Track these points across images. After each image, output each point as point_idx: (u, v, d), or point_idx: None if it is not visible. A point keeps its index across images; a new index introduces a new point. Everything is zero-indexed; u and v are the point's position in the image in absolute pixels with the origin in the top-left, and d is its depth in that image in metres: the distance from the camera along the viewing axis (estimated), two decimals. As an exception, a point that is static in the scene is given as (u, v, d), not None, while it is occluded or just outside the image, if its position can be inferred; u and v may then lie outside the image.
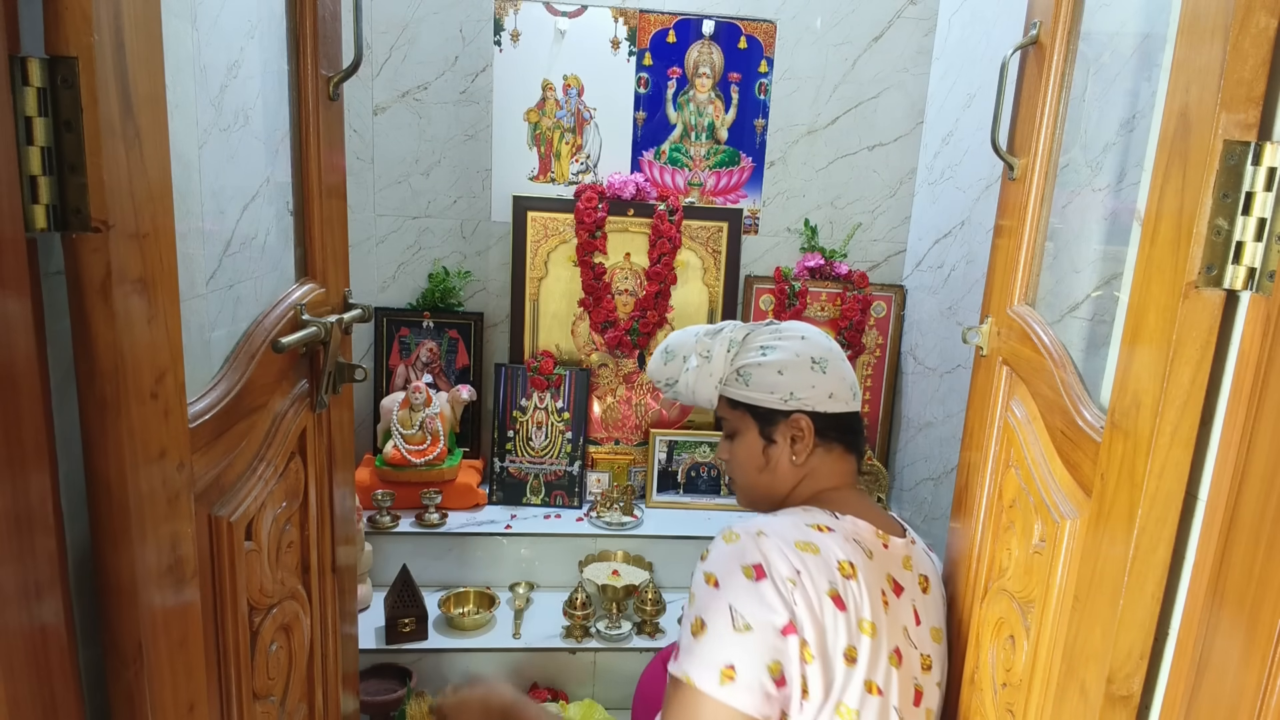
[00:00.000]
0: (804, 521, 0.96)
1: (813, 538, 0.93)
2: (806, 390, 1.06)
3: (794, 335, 1.10)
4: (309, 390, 1.08)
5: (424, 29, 2.20)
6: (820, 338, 1.12)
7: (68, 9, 0.53)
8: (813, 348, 1.09)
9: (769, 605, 0.87)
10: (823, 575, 0.90)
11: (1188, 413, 0.69)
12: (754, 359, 1.09)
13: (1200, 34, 0.68)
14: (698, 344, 1.14)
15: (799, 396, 1.06)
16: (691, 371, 1.13)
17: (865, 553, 0.96)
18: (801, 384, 1.06)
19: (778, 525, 0.94)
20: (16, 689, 0.52)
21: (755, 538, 0.92)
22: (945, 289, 2.17)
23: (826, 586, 0.89)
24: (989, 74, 1.95)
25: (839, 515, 0.99)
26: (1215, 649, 0.65)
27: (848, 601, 0.90)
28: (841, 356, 1.11)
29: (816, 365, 1.07)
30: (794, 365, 1.07)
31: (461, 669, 1.95)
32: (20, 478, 0.52)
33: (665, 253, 2.28)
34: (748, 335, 1.12)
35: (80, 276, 0.57)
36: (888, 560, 0.99)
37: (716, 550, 0.93)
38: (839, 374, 1.08)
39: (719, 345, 1.12)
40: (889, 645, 0.93)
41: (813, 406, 1.07)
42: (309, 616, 1.09)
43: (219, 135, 1.08)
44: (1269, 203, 0.63)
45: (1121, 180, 1.18)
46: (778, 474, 1.09)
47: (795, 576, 0.88)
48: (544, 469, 2.29)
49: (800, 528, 0.95)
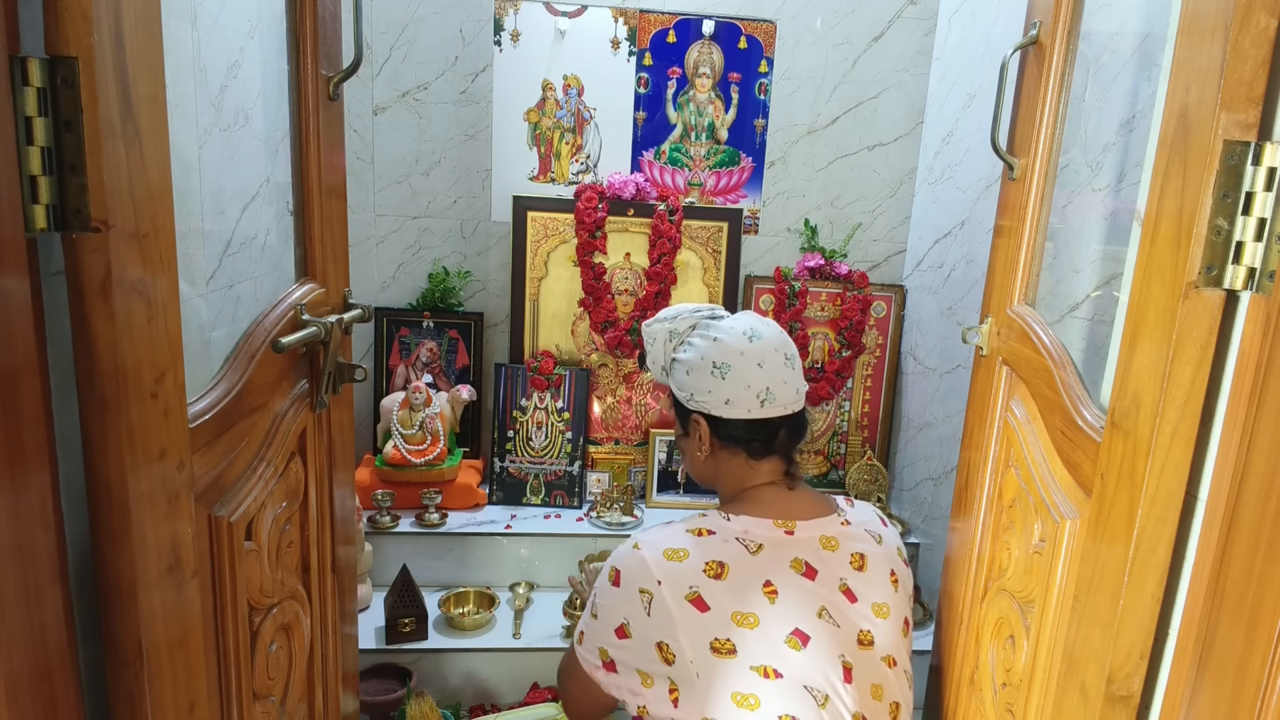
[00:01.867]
0: (687, 528, 1.03)
1: (686, 543, 1.01)
2: (704, 394, 1.07)
3: (710, 335, 1.09)
4: (309, 390, 1.08)
5: (424, 29, 2.20)
6: (738, 340, 1.07)
7: (68, 9, 0.53)
8: (720, 351, 1.06)
9: (619, 609, 1.01)
10: (684, 581, 0.97)
11: (1188, 413, 0.69)
12: (678, 354, 1.12)
13: (1200, 34, 0.68)
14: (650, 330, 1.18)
15: (698, 399, 1.08)
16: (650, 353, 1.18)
17: (750, 548, 1.01)
18: (700, 387, 1.07)
19: (658, 536, 1.03)
20: (16, 689, 0.52)
21: (630, 548, 1.03)
22: (945, 289, 2.17)
23: (687, 591, 0.97)
24: (989, 74, 1.95)
25: (730, 517, 1.04)
26: (1215, 649, 0.65)
27: (710, 601, 0.96)
28: (761, 361, 1.06)
29: (716, 371, 1.06)
30: (698, 367, 1.07)
31: (461, 669, 1.95)
32: (20, 478, 0.52)
33: (665, 253, 2.28)
34: (688, 328, 1.13)
35: (80, 276, 0.57)
36: (790, 547, 1.02)
37: (616, 549, 1.07)
38: (743, 380, 1.05)
39: (660, 336, 1.15)
40: (783, 630, 0.97)
41: (709, 410, 1.08)
42: (309, 616, 1.09)
43: (219, 135, 1.08)
44: (1269, 203, 0.63)
45: (1121, 180, 1.18)
46: (695, 462, 1.14)
47: (651, 587, 0.98)
48: (544, 469, 2.29)
49: (679, 535, 1.02)
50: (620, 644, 1.01)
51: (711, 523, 1.04)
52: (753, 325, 1.09)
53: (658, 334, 1.16)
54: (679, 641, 0.96)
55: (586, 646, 1.06)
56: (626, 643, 1.00)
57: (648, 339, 1.18)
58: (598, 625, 1.04)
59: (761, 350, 1.06)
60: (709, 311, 1.15)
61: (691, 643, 0.96)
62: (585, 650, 1.06)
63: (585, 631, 1.07)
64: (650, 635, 0.98)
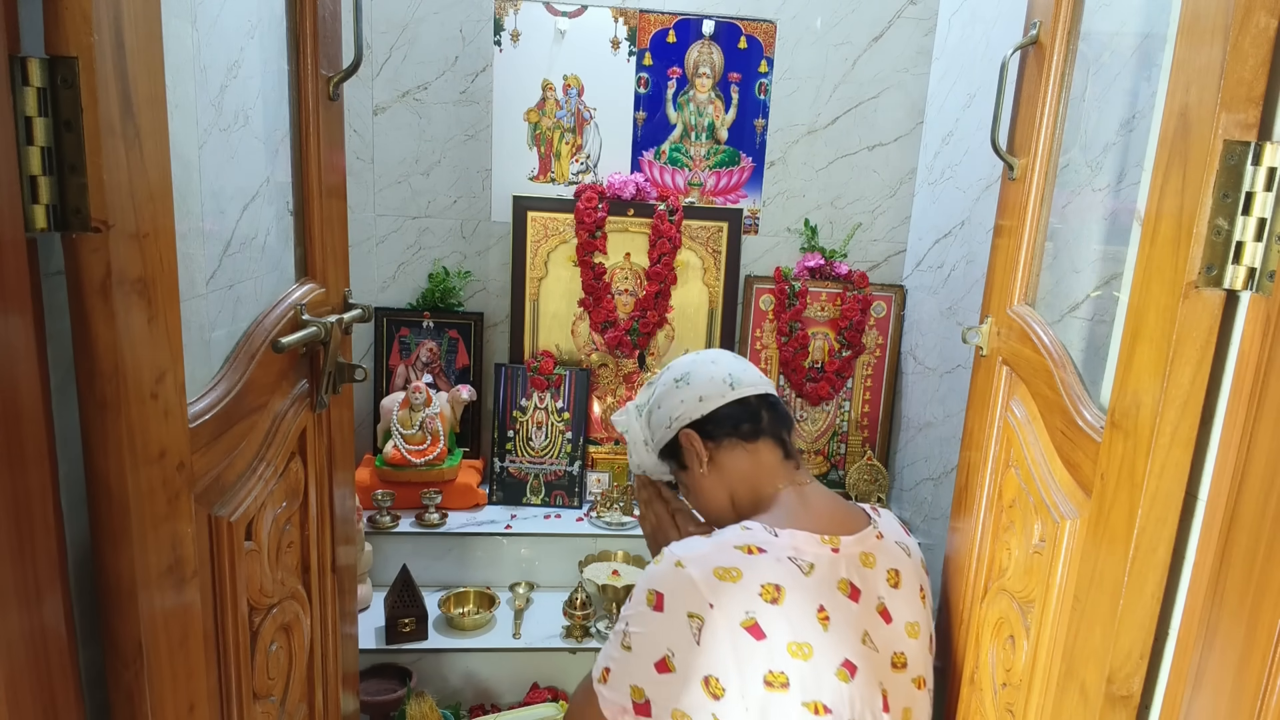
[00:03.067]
0: (735, 543, 0.94)
1: (737, 562, 0.91)
2: (679, 408, 1.10)
3: (663, 373, 1.16)
4: (309, 390, 1.08)
5: (424, 29, 2.20)
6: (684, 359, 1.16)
7: (68, 9, 0.53)
8: (674, 370, 1.14)
9: (660, 637, 0.89)
10: (739, 606, 0.88)
11: (1188, 413, 0.69)
12: (650, 414, 1.15)
13: (1200, 34, 0.68)
14: (621, 422, 1.22)
15: (674, 416, 1.11)
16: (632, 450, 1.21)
17: (804, 568, 0.93)
18: (673, 405, 1.11)
19: (703, 551, 0.93)
20: (16, 689, 0.52)
21: (671, 566, 0.92)
22: (945, 289, 2.17)
23: (743, 618, 0.88)
24: (989, 74, 1.95)
25: (777, 532, 0.96)
26: (1215, 649, 0.65)
27: (767, 629, 0.88)
28: (711, 359, 1.14)
29: (679, 382, 1.12)
30: (664, 396, 1.12)
31: (461, 669, 1.95)
32: (20, 478, 0.52)
33: (665, 253, 2.28)
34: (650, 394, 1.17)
35: (80, 276, 0.57)
36: (837, 566, 0.96)
37: (648, 567, 0.97)
38: (705, 376, 1.11)
39: (633, 418, 1.19)
40: (834, 661, 0.90)
41: (689, 417, 1.09)
42: (309, 616, 1.09)
43: (219, 135, 1.08)
44: (1269, 203, 0.63)
45: (1121, 180, 1.18)
46: (705, 492, 1.11)
47: (701, 611, 0.88)
48: (544, 469, 2.29)
49: (727, 551, 0.93)
50: (660, 680, 0.88)
51: (759, 538, 0.95)
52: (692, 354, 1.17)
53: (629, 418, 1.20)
54: (730, 675, 0.86)
55: (614, 686, 0.91)
56: (668, 678, 0.88)
57: (621, 428, 1.22)
58: (632, 659, 0.90)
59: (708, 354, 1.15)
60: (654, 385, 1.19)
61: (743, 676, 0.86)
62: (612, 690, 0.91)
63: (612, 668, 0.92)
64: (698, 667, 0.87)
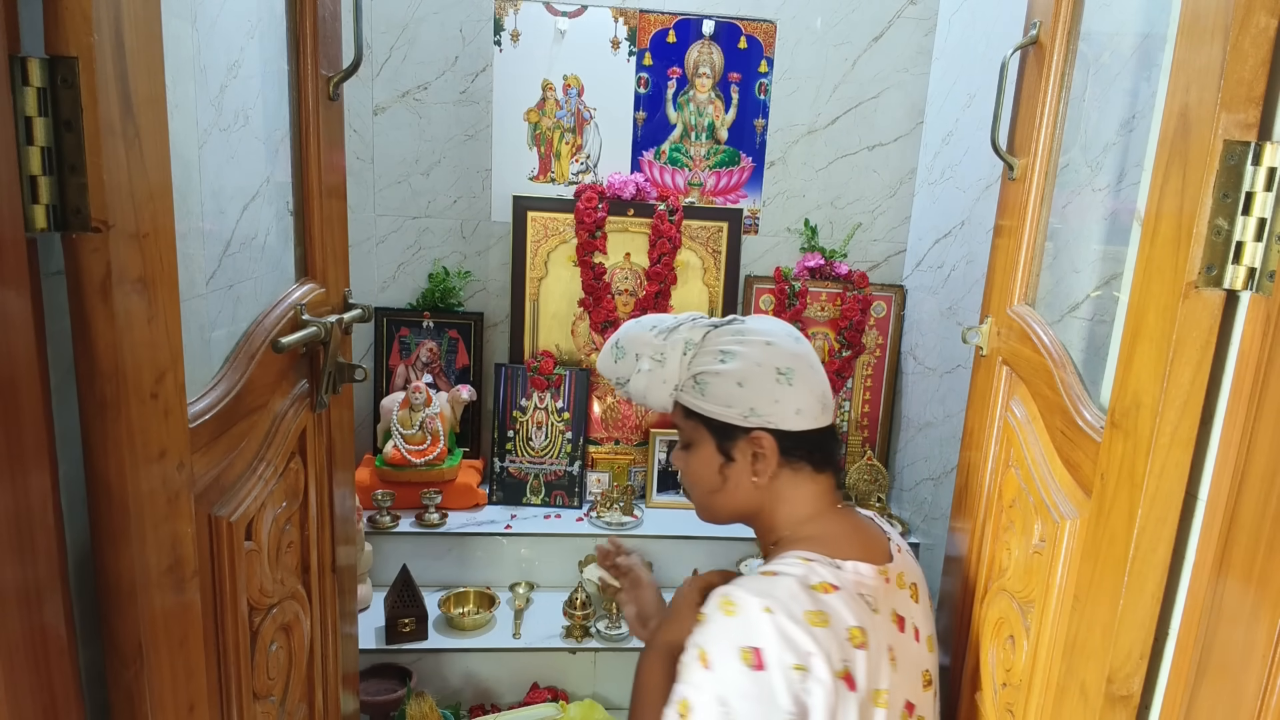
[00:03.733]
0: (808, 581, 0.84)
1: (821, 604, 0.82)
2: (769, 406, 0.94)
3: (758, 339, 0.96)
4: (309, 390, 1.08)
5: (424, 29, 2.20)
6: (788, 341, 0.97)
7: (68, 9, 0.53)
8: (778, 355, 0.95)
9: (768, 700, 0.78)
10: (835, 653, 0.80)
11: (1188, 413, 0.69)
12: (711, 366, 0.96)
13: (1200, 34, 0.68)
14: (651, 343, 1.01)
15: (761, 412, 0.94)
16: (643, 374, 1.01)
17: (872, 605, 0.87)
18: (764, 398, 0.94)
19: (782, 592, 0.82)
20: (16, 689, 0.52)
21: (758, 613, 0.80)
22: (945, 289, 2.17)
23: (839, 666, 0.80)
24: (989, 74, 1.95)
25: (840, 564, 0.88)
26: (1215, 649, 0.65)
27: (859, 678, 0.82)
28: (813, 363, 0.98)
29: (782, 377, 0.94)
30: (756, 376, 0.94)
31: (461, 669, 1.95)
32: (20, 478, 0.52)
33: (665, 253, 2.28)
34: (706, 336, 0.99)
35: (80, 276, 0.57)
36: (891, 598, 0.91)
37: (712, 622, 0.83)
38: (808, 385, 0.95)
39: (673, 348, 0.99)
40: (900, 702, 0.86)
41: (776, 424, 0.94)
42: (309, 616, 1.09)
43: (219, 135, 1.08)
44: (1269, 203, 0.63)
45: (1121, 180, 1.18)
46: (739, 493, 0.98)
47: (805, 661, 0.79)
48: (544, 469, 2.29)
49: (807, 591, 0.83)
50: None
51: (827, 574, 0.86)
52: (786, 326, 1.00)
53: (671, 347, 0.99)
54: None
55: None
56: None
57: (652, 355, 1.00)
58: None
59: (809, 351, 0.97)
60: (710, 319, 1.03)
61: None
62: None
63: None
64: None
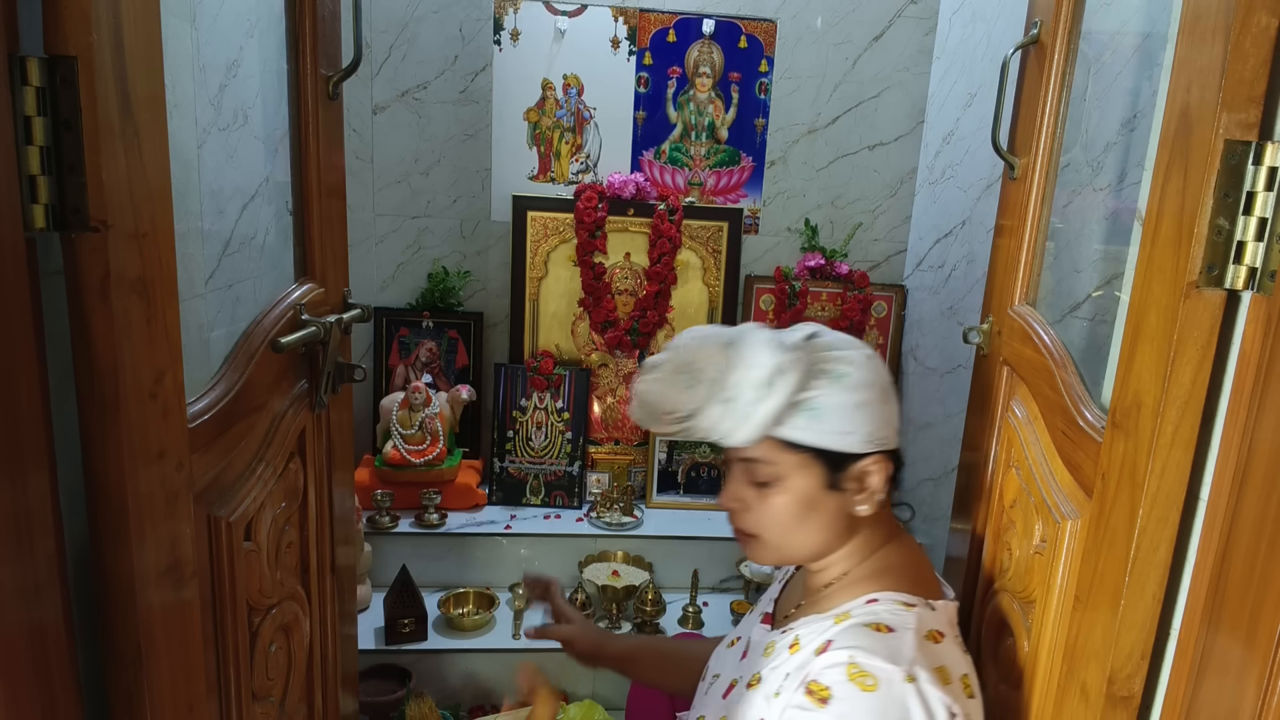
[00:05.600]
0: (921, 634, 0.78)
1: (939, 657, 0.78)
2: (884, 427, 0.86)
3: (859, 354, 0.87)
4: (308, 390, 1.08)
5: (424, 29, 2.20)
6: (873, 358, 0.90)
7: (67, 8, 0.53)
8: (881, 371, 0.87)
9: None
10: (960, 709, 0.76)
11: (1189, 413, 0.69)
12: (824, 389, 0.84)
13: (1201, 33, 0.67)
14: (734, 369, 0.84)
15: (878, 435, 0.86)
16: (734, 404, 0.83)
17: (960, 646, 0.84)
18: (879, 419, 0.85)
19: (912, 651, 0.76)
20: (16, 689, 0.52)
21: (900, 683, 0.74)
22: (946, 289, 2.17)
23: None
24: (989, 73, 1.95)
25: (933, 605, 0.83)
26: (1216, 650, 0.65)
27: None
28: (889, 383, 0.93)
29: (887, 393, 0.87)
30: (872, 396, 0.85)
31: (461, 669, 1.94)
32: (20, 478, 0.52)
33: (665, 252, 2.28)
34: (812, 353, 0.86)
35: (79, 276, 0.57)
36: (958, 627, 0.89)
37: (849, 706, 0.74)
38: (893, 401, 0.90)
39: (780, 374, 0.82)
40: None
41: (891, 445, 0.88)
42: (308, 617, 1.09)
43: (218, 135, 1.08)
44: (1270, 202, 0.63)
45: (1122, 180, 1.17)
46: (830, 529, 0.88)
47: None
48: (544, 469, 2.29)
49: (925, 645, 0.77)
50: None
51: (929, 619, 0.82)
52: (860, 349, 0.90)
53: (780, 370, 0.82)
54: None
55: None
56: None
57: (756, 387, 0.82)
58: None
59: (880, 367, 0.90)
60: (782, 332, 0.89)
61: None
62: None
63: None
64: None
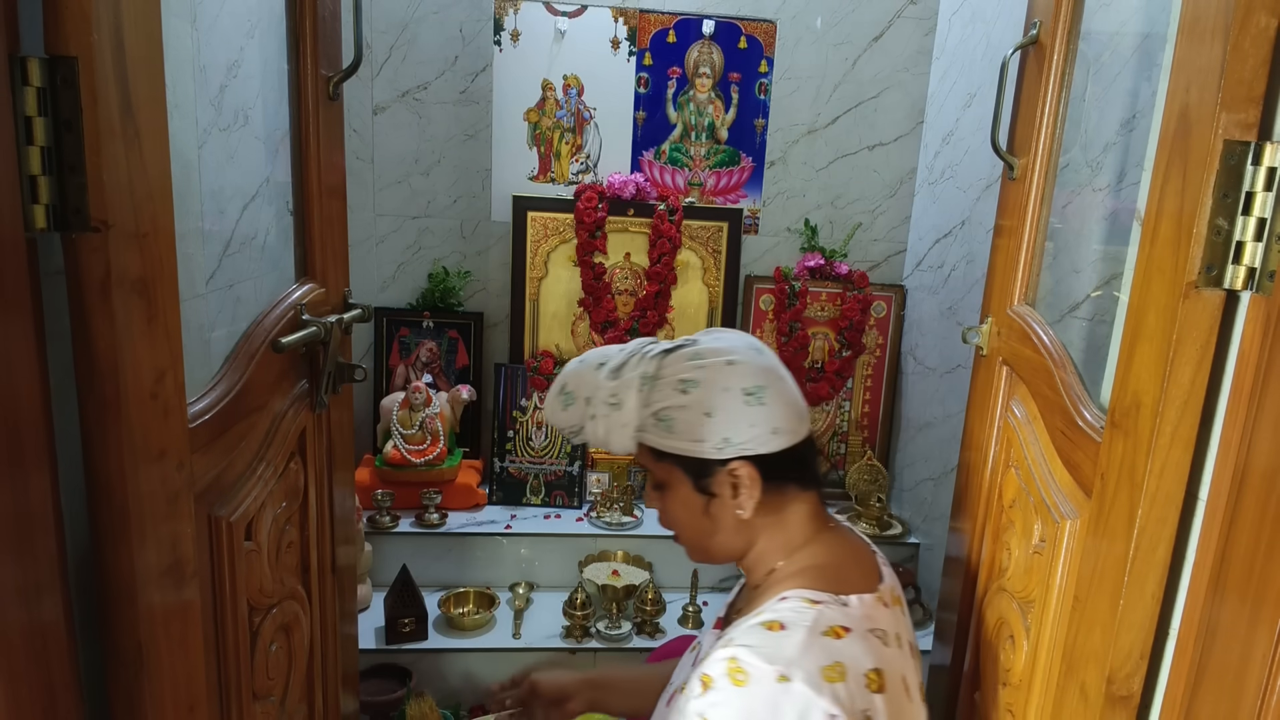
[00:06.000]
0: (820, 629, 0.78)
1: (835, 654, 0.76)
2: (745, 431, 0.86)
3: (717, 360, 0.87)
4: (309, 390, 1.08)
5: (424, 29, 2.20)
6: (751, 355, 0.89)
7: (67, 9, 0.53)
8: (744, 375, 0.86)
9: None
10: (858, 704, 0.75)
11: (1188, 413, 0.69)
12: (673, 400, 0.87)
13: (1200, 34, 0.68)
14: (602, 385, 0.91)
15: (736, 441, 0.86)
16: (599, 420, 0.91)
17: (882, 638, 0.82)
18: (737, 425, 0.85)
19: (794, 651, 0.76)
20: (16, 689, 0.52)
21: (772, 683, 0.73)
22: (945, 289, 2.17)
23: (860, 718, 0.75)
24: (989, 74, 1.95)
25: (846, 600, 0.82)
26: (1216, 649, 0.65)
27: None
28: (781, 373, 0.90)
29: (751, 397, 0.85)
30: (723, 403, 0.85)
31: (461, 669, 1.94)
32: (20, 478, 0.52)
33: (665, 253, 2.28)
34: (661, 366, 0.89)
35: (80, 276, 0.57)
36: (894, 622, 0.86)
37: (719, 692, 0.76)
38: (781, 399, 0.87)
39: (626, 388, 0.89)
40: None
41: (754, 449, 0.86)
42: (309, 616, 1.09)
43: (219, 135, 1.08)
44: (1269, 203, 0.63)
45: (1121, 180, 1.18)
46: (730, 531, 0.91)
47: None
48: (544, 469, 2.29)
49: (818, 642, 0.77)
50: None
51: (836, 615, 0.80)
52: (744, 336, 0.93)
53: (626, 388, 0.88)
54: None
55: None
56: None
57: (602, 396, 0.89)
58: None
59: (775, 359, 0.90)
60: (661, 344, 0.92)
61: None
62: None
63: None
64: None
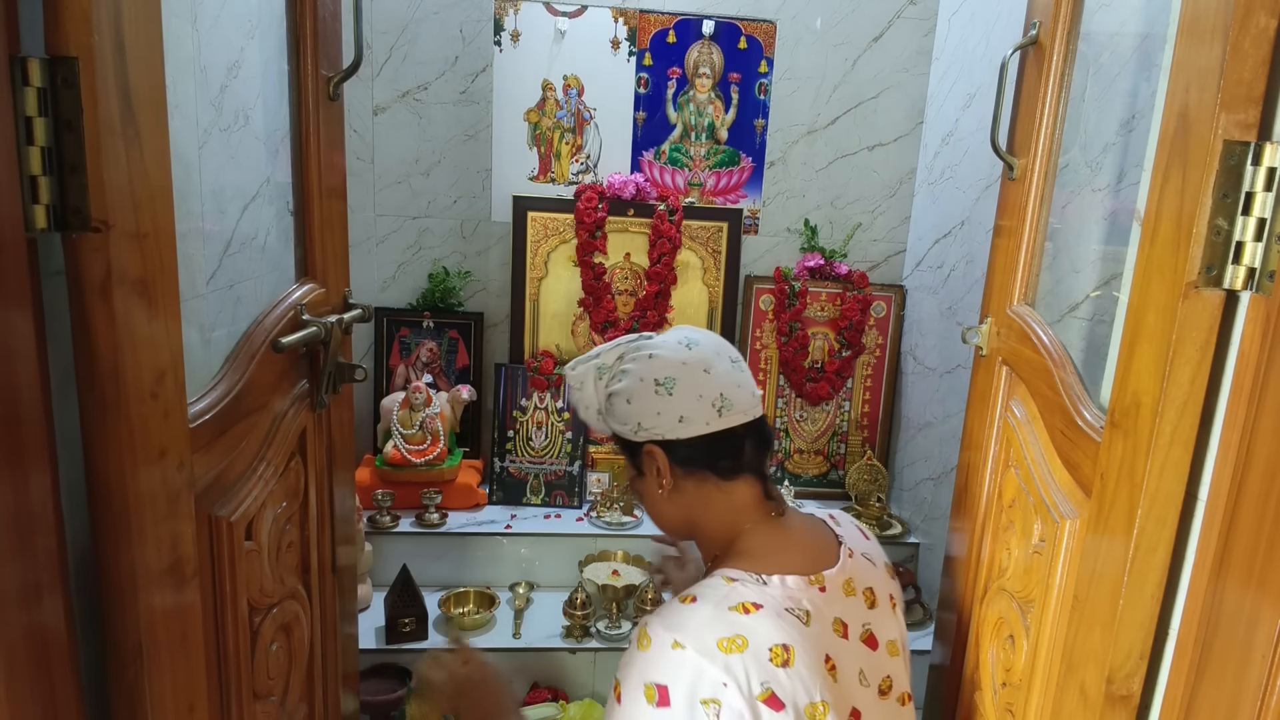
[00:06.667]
0: (728, 604, 0.85)
1: (738, 627, 0.82)
2: (652, 418, 0.94)
3: (642, 355, 0.97)
4: (309, 390, 1.08)
5: (424, 29, 2.20)
6: (676, 350, 0.96)
7: (68, 9, 0.53)
8: (658, 367, 0.95)
9: None
10: (754, 677, 0.80)
11: (1187, 412, 0.69)
12: (613, 387, 0.99)
13: (1200, 34, 0.68)
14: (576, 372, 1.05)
15: (646, 426, 0.95)
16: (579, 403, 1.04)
17: (802, 617, 0.87)
18: (647, 412, 0.95)
19: (694, 623, 0.83)
20: (16, 689, 0.52)
21: (667, 649, 0.81)
22: (945, 289, 2.17)
23: (759, 690, 0.80)
24: (989, 74, 1.95)
25: (765, 579, 0.88)
26: (1215, 649, 0.65)
27: (785, 697, 0.81)
28: (704, 367, 0.95)
29: (660, 388, 0.94)
30: (638, 392, 0.95)
31: (461, 669, 1.95)
32: (20, 478, 0.52)
33: (665, 253, 2.28)
34: (617, 358, 1.01)
35: (80, 276, 0.57)
36: (830, 605, 0.90)
37: (629, 654, 0.85)
38: (693, 392, 0.94)
39: (587, 375, 1.03)
40: (844, 712, 0.86)
41: (662, 435, 0.95)
42: (309, 616, 1.09)
43: (219, 135, 1.08)
44: (1269, 203, 0.63)
45: (1121, 180, 1.18)
46: (662, 510, 1.01)
47: (716, 694, 0.79)
48: (544, 469, 2.29)
49: (723, 616, 0.83)
50: None
51: (750, 593, 0.86)
52: (687, 334, 0.99)
53: (585, 375, 1.03)
54: None
55: None
56: None
57: (574, 384, 1.04)
58: None
59: (703, 356, 0.96)
60: (635, 337, 1.03)
61: None
62: None
63: None
64: None
